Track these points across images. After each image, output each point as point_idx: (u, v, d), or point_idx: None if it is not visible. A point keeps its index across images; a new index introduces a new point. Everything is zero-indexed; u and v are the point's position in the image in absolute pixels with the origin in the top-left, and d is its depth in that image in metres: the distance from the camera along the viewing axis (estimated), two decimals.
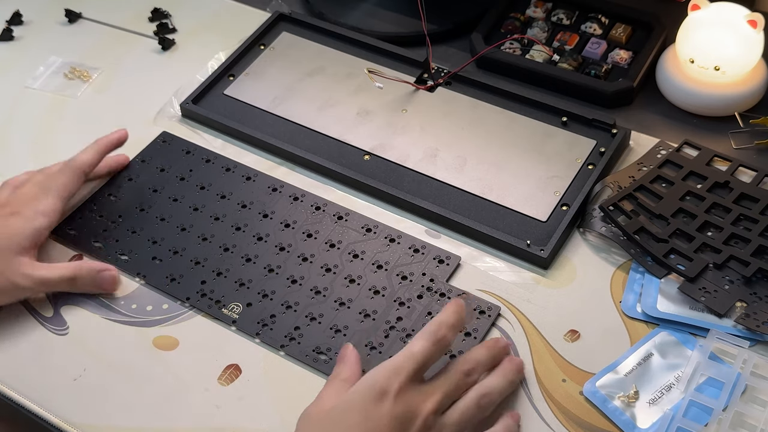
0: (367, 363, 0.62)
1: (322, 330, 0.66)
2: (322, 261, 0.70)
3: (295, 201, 0.75)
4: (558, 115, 0.79)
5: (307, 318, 0.66)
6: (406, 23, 0.92)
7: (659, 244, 0.69)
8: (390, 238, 0.71)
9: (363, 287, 0.68)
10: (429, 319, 0.64)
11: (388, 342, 0.65)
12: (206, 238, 0.72)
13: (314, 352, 0.64)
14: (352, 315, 0.66)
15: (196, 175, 0.78)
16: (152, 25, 0.96)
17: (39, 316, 0.70)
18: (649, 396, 0.62)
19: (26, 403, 0.65)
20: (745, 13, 0.77)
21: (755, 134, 0.79)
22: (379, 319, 0.66)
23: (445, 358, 0.63)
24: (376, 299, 0.67)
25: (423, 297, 0.67)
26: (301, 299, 0.67)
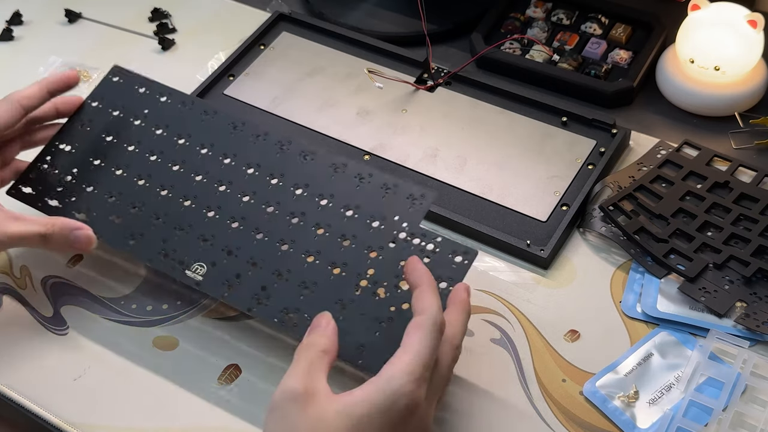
0: (337, 324, 0.56)
1: (290, 287, 0.61)
2: (289, 208, 0.65)
3: (257, 139, 0.69)
4: (558, 115, 0.79)
5: (275, 275, 0.62)
6: (406, 23, 0.92)
7: (659, 244, 0.69)
8: (360, 177, 0.66)
9: (332, 235, 0.63)
10: (402, 268, 0.60)
11: (359, 299, 0.60)
12: (166, 189, 0.68)
13: (282, 313, 0.61)
14: (322, 268, 0.62)
15: (153, 116, 0.72)
16: (152, 25, 0.96)
17: (39, 316, 0.70)
18: (649, 396, 0.62)
19: (26, 403, 0.64)
20: (745, 13, 0.77)
21: (755, 134, 0.79)
22: (350, 271, 0.61)
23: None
24: (347, 249, 0.62)
25: (396, 242, 0.62)
26: (268, 254, 0.63)
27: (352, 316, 0.60)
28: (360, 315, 0.60)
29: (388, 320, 0.59)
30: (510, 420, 0.61)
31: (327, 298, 0.61)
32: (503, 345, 0.66)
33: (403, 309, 0.59)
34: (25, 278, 0.72)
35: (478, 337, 0.66)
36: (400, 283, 0.60)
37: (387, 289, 0.60)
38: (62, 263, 0.73)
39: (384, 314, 0.59)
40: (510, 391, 0.63)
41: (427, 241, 0.62)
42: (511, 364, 0.64)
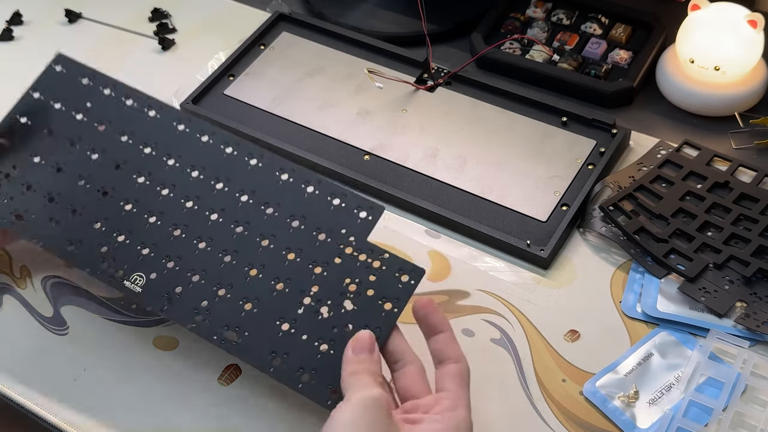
0: (278, 343, 0.57)
1: (232, 303, 0.59)
2: (233, 216, 0.62)
3: (204, 138, 0.66)
4: (558, 115, 0.79)
5: (216, 289, 0.60)
6: (406, 23, 0.92)
7: (659, 244, 0.69)
8: (308, 184, 0.63)
9: (277, 248, 0.60)
10: (346, 286, 0.58)
11: (302, 317, 0.58)
12: (107, 192, 0.65)
13: (222, 330, 0.59)
14: (266, 283, 0.59)
15: (95, 110, 0.68)
16: (152, 25, 0.96)
17: (39, 316, 0.70)
18: (649, 396, 0.62)
19: (26, 403, 0.64)
20: (745, 13, 0.77)
21: (755, 134, 0.79)
22: (294, 288, 0.59)
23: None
24: (291, 262, 0.60)
25: (342, 258, 0.59)
26: (210, 266, 0.61)
27: (295, 337, 0.58)
28: (302, 336, 0.58)
29: (330, 342, 0.57)
30: (510, 420, 0.61)
31: (270, 316, 0.59)
32: (503, 345, 0.65)
33: (345, 330, 0.57)
34: (25, 278, 0.72)
35: (478, 337, 0.66)
36: (344, 303, 0.58)
37: (330, 308, 0.58)
38: (62, 263, 0.73)
39: (327, 335, 0.57)
40: (510, 391, 0.63)
41: (373, 257, 0.59)
42: (511, 364, 0.64)
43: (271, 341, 0.58)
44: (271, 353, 0.57)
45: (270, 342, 0.58)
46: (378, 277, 0.59)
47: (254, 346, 0.58)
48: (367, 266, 0.59)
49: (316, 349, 0.57)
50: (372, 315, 0.57)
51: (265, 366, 0.57)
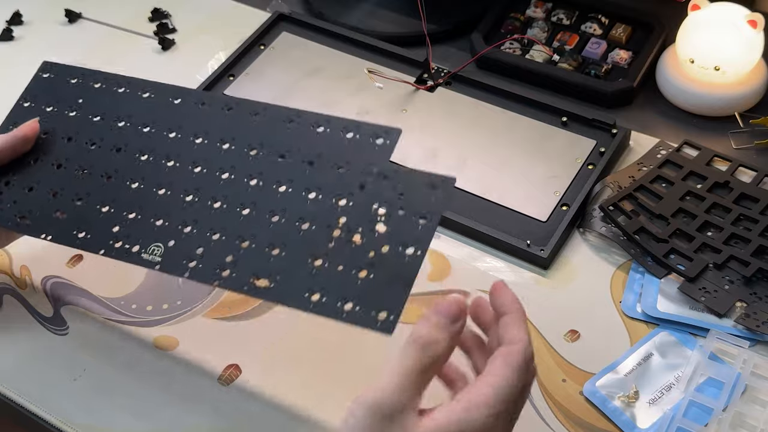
0: (313, 280, 0.54)
1: (258, 252, 0.57)
2: (245, 171, 0.61)
3: (202, 106, 0.65)
4: (558, 115, 0.79)
5: (239, 242, 0.58)
6: (406, 23, 0.92)
7: (659, 244, 0.69)
8: (317, 125, 0.61)
9: (296, 190, 0.59)
10: (376, 210, 0.56)
11: (334, 250, 0.56)
12: (110, 176, 0.64)
13: (252, 281, 0.56)
14: (289, 226, 0.57)
15: (88, 105, 0.68)
16: (152, 25, 0.96)
17: (39, 316, 0.70)
18: (649, 396, 0.62)
19: (26, 404, 0.65)
20: (745, 13, 0.77)
21: (755, 134, 0.79)
22: (320, 223, 0.57)
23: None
24: (313, 201, 0.58)
25: (365, 186, 0.57)
26: (229, 221, 0.59)
27: (329, 270, 0.55)
28: (337, 268, 0.55)
29: (369, 267, 0.54)
30: None
31: (299, 255, 0.56)
32: None
33: (383, 252, 0.54)
34: (25, 278, 0.72)
35: None
36: (376, 227, 0.55)
37: (363, 234, 0.55)
38: (62, 263, 0.73)
39: (363, 261, 0.54)
40: None
41: (398, 178, 0.57)
42: None
43: (305, 280, 0.55)
44: (308, 290, 0.54)
45: (304, 280, 0.55)
46: (407, 195, 0.56)
47: (289, 288, 0.55)
48: (393, 187, 0.56)
49: (354, 277, 0.54)
50: (406, 233, 0.54)
51: (304, 304, 0.54)
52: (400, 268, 0.53)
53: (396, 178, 0.57)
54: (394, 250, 0.54)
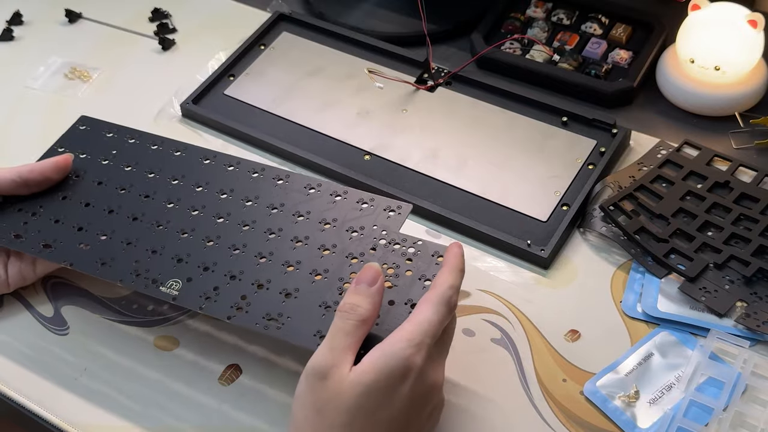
0: (322, 323, 0.58)
1: (272, 295, 0.60)
2: (265, 225, 0.65)
3: (230, 168, 0.69)
4: (558, 115, 0.79)
5: (254, 285, 0.61)
6: (406, 23, 0.92)
7: (659, 244, 0.69)
8: (335, 194, 0.66)
9: (311, 246, 0.63)
10: (385, 270, 0.60)
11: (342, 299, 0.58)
12: (137, 217, 0.67)
13: (264, 319, 0.59)
14: (303, 276, 0.61)
15: (121, 156, 0.72)
16: (152, 25, 0.96)
17: (39, 316, 0.70)
18: (650, 396, 0.62)
19: (26, 403, 0.64)
20: (745, 13, 0.77)
21: (755, 134, 0.79)
22: (332, 276, 0.61)
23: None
24: (327, 257, 0.62)
25: (376, 249, 0.62)
26: (246, 267, 0.62)
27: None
28: None
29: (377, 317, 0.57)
30: (510, 420, 0.61)
31: (310, 302, 0.60)
32: (503, 345, 0.65)
33: (389, 306, 0.58)
34: None
35: (478, 337, 0.66)
36: (385, 284, 0.59)
37: None
38: None
39: None
40: (510, 391, 0.63)
41: (407, 245, 0.62)
42: (512, 364, 0.64)
43: (314, 322, 0.58)
44: (316, 332, 0.58)
45: (313, 323, 0.58)
46: (414, 261, 0.61)
47: (297, 329, 0.59)
48: (402, 253, 0.61)
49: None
50: (413, 291, 0.59)
51: (311, 343, 0.57)
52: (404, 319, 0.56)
53: (406, 245, 0.62)
54: (400, 304, 0.58)
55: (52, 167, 0.70)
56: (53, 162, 0.70)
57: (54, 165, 0.70)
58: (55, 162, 0.70)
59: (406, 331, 0.54)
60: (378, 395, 0.52)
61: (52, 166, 0.70)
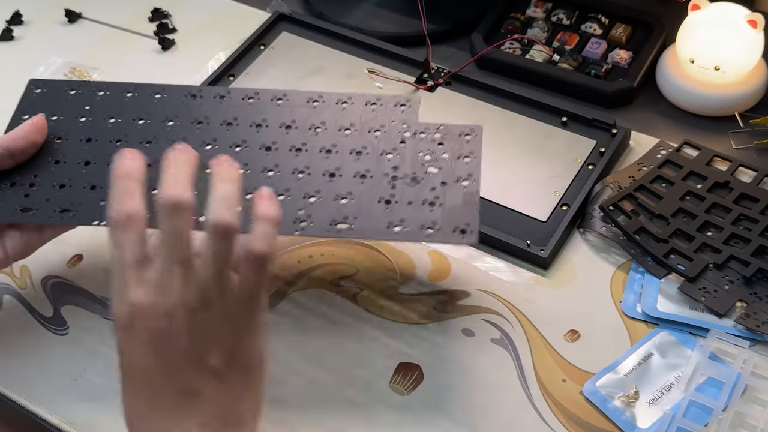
0: (388, 216, 0.60)
1: (326, 203, 0.61)
2: (287, 144, 0.64)
3: (222, 99, 0.67)
4: (558, 115, 0.79)
5: (306, 198, 0.61)
6: (406, 23, 0.92)
7: (659, 244, 0.69)
8: (341, 102, 0.67)
9: (343, 153, 0.64)
10: (422, 158, 0.63)
11: (399, 191, 0.61)
12: (150, 164, 0.59)
13: (332, 225, 0.60)
14: (348, 180, 0.62)
15: (98, 110, 0.68)
16: (152, 25, 0.96)
17: (39, 316, 0.70)
18: (649, 396, 0.62)
19: (26, 404, 0.65)
20: (745, 13, 0.77)
21: (755, 134, 0.79)
22: (377, 174, 0.62)
23: None
24: (362, 158, 0.63)
25: (405, 141, 0.64)
26: (289, 184, 0.62)
27: (400, 206, 0.60)
28: (407, 203, 0.60)
29: (435, 198, 0.60)
30: (510, 420, 0.61)
31: (368, 200, 0.61)
32: (503, 345, 0.65)
33: (444, 186, 0.61)
34: (25, 278, 0.72)
35: (477, 337, 0.66)
36: (428, 170, 0.62)
37: (419, 177, 0.62)
38: (62, 263, 0.73)
39: (429, 195, 0.61)
40: (510, 391, 0.63)
41: (432, 132, 0.64)
42: (511, 364, 0.64)
43: (381, 216, 0.60)
44: (388, 224, 0.59)
45: (381, 217, 0.60)
46: (446, 144, 0.63)
47: (368, 226, 0.60)
48: (431, 139, 0.63)
49: (425, 208, 0.60)
50: (459, 169, 0.62)
51: (389, 235, 0.59)
52: (463, 193, 0.60)
53: (430, 131, 0.64)
54: (451, 183, 0.61)
55: (32, 129, 0.65)
56: (31, 124, 0.65)
57: (33, 126, 0.65)
58: (32, 123, 0.65)
59: None
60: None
61: (32, 128, 0.65)
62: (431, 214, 0.60)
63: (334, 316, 0.68)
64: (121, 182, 0.47)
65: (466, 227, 0.59)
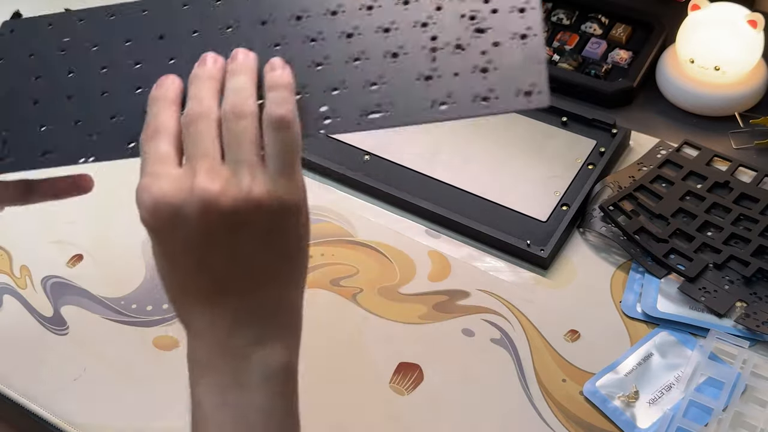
0: (432, 93, 0.51)
1: (354, 92, 0.53)
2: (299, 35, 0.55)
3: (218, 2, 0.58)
4: (558, 115, 0.79)
5: (326, 92, 0.53)
6: None
7: (659, 244, 0.69)
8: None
9: (366, 35, 0.54)
10: (466, 21, 0.52)
11: (440, 63, 0.52)
12: (139, 87, 0.56)
13: (363, 116, 0.52)
14: (378, 61, 0.53)
15: (79, 41, 0.60)
16: None
17: (39, 316, 0.70)
18: (649, 396, 0.62)
19: (26, 403, 0.65)
20: (745, 13, 0.77)
21: (755, 134, 0.79)
22: (412, 49, 0.53)
23: None
24: (392, 35, 0.53)
25: (443, 7, 0.53)
26: (306, 78, 0.53)
27: (446, 80, 0.51)
28: (453, 76, 0.51)
29: (488, 62, 0.51)
30: (510, 420, 0.61)
31: (403, 82, 0.52)
32: (503, 345, 0.65)
33: (496, 47, 0.51)
34: (25, 278, 0.72)
35: (478, 337, 0.66)
36: (473, 31, 0.52)
37: (465, 42, 0.52)
38: (62, 263, 0.73)
39: (480, 60, 0.51)
40: (510, 391, 0.63)
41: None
42: (511, 364, 0.64)
43: (422, 96, 0.52)
44: (431, 102, 0.52)
45: (422, 97, 0.52)
46: (498, 14, 0.53)
47: (407, 108, 0.52)
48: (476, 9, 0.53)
49: (477, 75, 0.51)
50: (511, 24, 0.51)
51: (435, 114, 0.52)
52: (523, 50, 0.50)
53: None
54: (506, 42, 0.51)
55: None
56: None
57: None
58: None
59: None
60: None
61: None
62: (486, 81, 0.50)
63: (334, 316, 0.68)
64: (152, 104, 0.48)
65: (532, 88, 0.49)
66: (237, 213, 0.43)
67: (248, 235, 0.44)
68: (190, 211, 0.43)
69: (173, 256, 0.45)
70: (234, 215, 0.43)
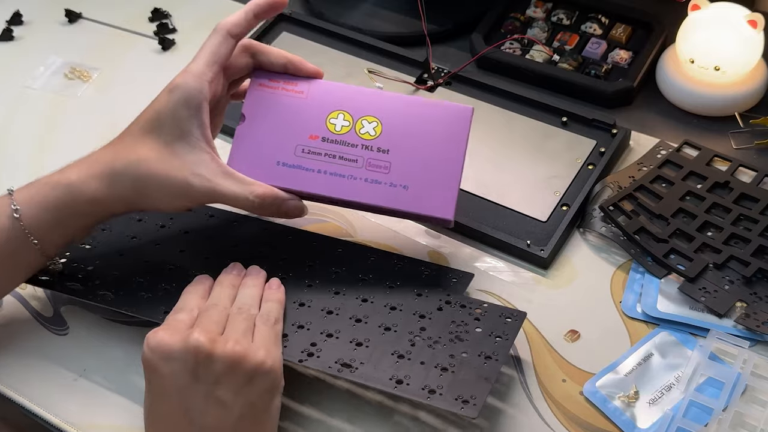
0: (395, 370, 0.59)
1: (342, 344, 0.61)
2: (328, 286, 0.66)
3: (282, 232, 0.71)
4: (558, 115, 0.79)
5: (323, 335, 0.62)
6: (406, 23, 0.92)
7: (659, 244, 0.69)
8: (395, 262, 0.68)
9: (377, 305, 0.64)
10: (453, 328, 0.61)
11: (416, 349, 0.60)
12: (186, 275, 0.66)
13: (337, 364, 0.60)
14: (372, 329, 0.62)
15: (178, 222, 0.72)
16: (152, 25, 0.96)
17: (39, 316, 0.70)
18: (649, 396, 0.62)
19: (26, 403, 0.65)
20: (745, 13, 0.77)
21: (755, 134, 0.79)
22: (402, 330, 0.62)
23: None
24: (394, 314, 0.63)
25: (443, 309, 0.63)
26: (313, 319, 0.63)
27: (412, 364, 0.59)
28: (419, 363, 0.59)
29: (450, 365, 0.59)
30: (510, 420, 0.61)
31: (383, 351, 0.60)
32: None
33: (463, 357, 0.59)
34: None
35: None
36: (454, 339, 0.61)
37: (442, 343, 0.60)
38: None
39: (444, 361, 0.59)
40: (510, 391, 0.63)
41: (473, 306, 0.63)
42: (511, 364, 0.64)
43: (388, 368, 0.59)
44: (392, 376, 0.58)
45: (387, 369, 0.59)
46: (482, 320, 0.62)
47: (373, 374, 0.59)
48: (469, 313, 0.63)
49: (436, 371, 0.59)
50: (485, 345, 0.60)
51: (388, 386, 0.58)
52: (481, 369, 0.58)
53: (472, 306, 0.63)
54: (474, 357, 0.59)
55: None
56: None
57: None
58: None
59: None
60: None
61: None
62: (439, 379, 0.58)
63: None
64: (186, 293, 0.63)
65: (471, 399, 0.56)
66: (219, 361, 0.55)
67: (226, 384, 0.55)
68: (181, 350, 0.55)
69: (161, 390, 0.56)
70: (216, 362, 0.55)
